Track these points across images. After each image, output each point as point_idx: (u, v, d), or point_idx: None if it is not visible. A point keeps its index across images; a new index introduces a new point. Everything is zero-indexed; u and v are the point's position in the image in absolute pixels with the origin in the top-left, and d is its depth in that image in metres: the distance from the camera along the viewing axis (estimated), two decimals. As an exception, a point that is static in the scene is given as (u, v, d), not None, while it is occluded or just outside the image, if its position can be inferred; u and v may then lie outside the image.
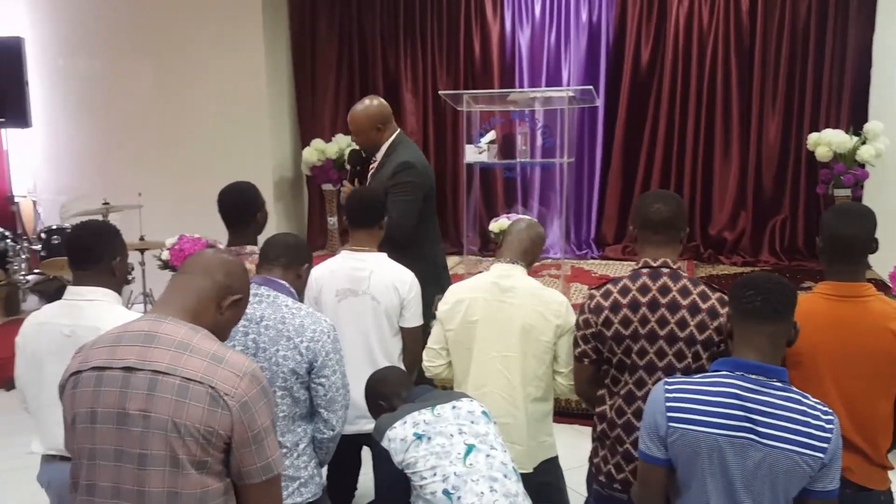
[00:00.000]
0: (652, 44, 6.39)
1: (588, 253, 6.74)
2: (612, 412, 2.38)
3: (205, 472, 1.58)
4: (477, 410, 2.31)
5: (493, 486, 2.12)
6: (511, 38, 6.65)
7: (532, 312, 2.59)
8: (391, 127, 3.65)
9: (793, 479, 1.78)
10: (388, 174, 3.49)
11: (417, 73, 6.91)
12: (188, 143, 6.68)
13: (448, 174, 6.92)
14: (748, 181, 6.33)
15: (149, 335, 1.62)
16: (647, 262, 2.36)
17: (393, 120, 3.69)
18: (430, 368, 2.79)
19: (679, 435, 1.83)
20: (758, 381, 1.81)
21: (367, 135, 3.61)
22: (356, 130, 3.63)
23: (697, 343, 2.25)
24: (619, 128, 6.51)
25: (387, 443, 2.19)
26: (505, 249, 2.74)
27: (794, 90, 6.13)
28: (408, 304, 2.84)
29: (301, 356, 2.21)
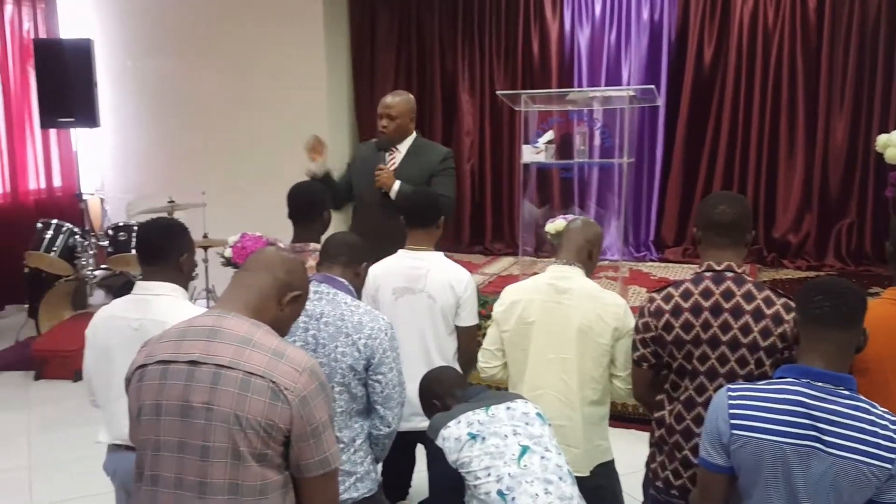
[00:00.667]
0: (715, 43, 6.26)
1: (647, 255, 6.64)
2: (671, 418, 2.34)
3: (265, 465, 1.61)
4: (531, 412, 2.30)
5: (548, 488, 2.11)
6: (570, 37, 6.59)
7: (590, 314, 2.56)
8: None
9: (858, 490, 1.72)
10: (437, 160, 3.81)
11: (475, 73, 6.91)
12: (250, 145, 6.80)
13: (504, 174, 6.90)
14: (814, 183, 6.15)
15: (213, 330, 1.65)
16: (710, 266, 2.31)
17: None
18: (485, 369, 2.79)
19: (742, 442, 1.79)
20: (824, 389, 1.76)
21: (404, 122, 3.82)
22: (398, 114, 3.78)
23: (760, 349, 2.19)
24: (680, 128, 6.39)
25: (441, 441, 2.20)
26: (562, 250, 2.72)
27: (862, 90, 5.93)
28: (464, 303, 2.85)
29: (359, 353, 2.24)
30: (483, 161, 6.98)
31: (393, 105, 3.79)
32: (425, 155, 3.84)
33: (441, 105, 7.02)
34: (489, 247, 7.00)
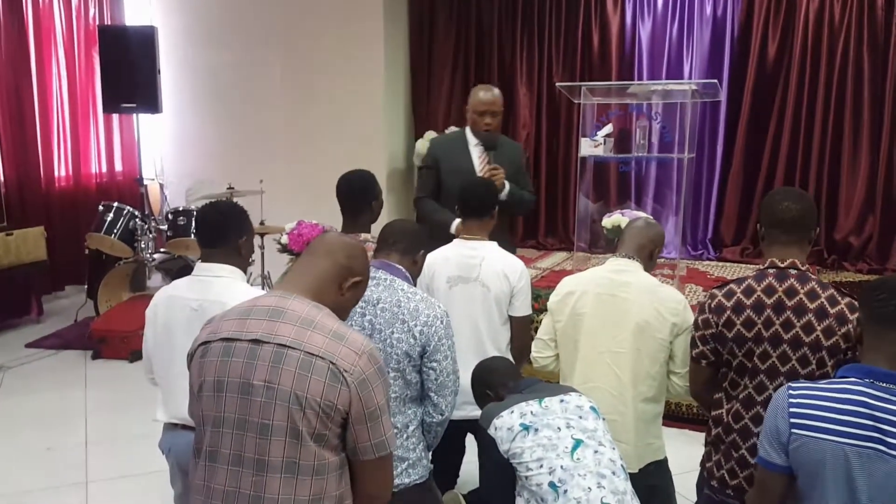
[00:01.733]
0: (779, 39, 6.10)
1: (704, 254, 6.52)
2: (728, 416, 2.30)
3: (322, 445, 1.63)
4: (585, 405, 2.28)
5: (601, 482, 2.09)
6: (631, 30, 6.51)
7: (648, 309, 2.53)
8: None
9: None
10: (519, 155, 3.89)
11: (533, 65, 6.87)
12: (308, 134, 6.88)
13: (559, 168, 6.85)
14: (878, 185, 5.96)
15: (276, 310, 1.68)
16: (773, 263, 2.26)
17: None
18: (538, 359, 2.78)
19: (802, 442, 1.74)
20: (889, 390, 1.70)
21: (501, 117, 3.81)
22: (499, 109, 3.77)
23: (823, 349, 2.14)
24: (741, 125, 6.26)
25: (493, 431, 2.19)
26: (622, 245, 2.69)
27: (932, 89, 5.73)
28: (518, 293, 2.84)
29: (415, 340, 2.25)
30: (539, 155, 6.93)
31: (495, 101, 3.74)
32: (509, 150, 3.83)
33: (498, 98, 6.99)
34: (542, 241, 6.96)
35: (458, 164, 3.75)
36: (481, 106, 3.72)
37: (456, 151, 3.79)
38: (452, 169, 3.75)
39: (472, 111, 3.76)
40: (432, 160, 3.86)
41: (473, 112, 3.74)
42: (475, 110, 3.73)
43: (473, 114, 3.74)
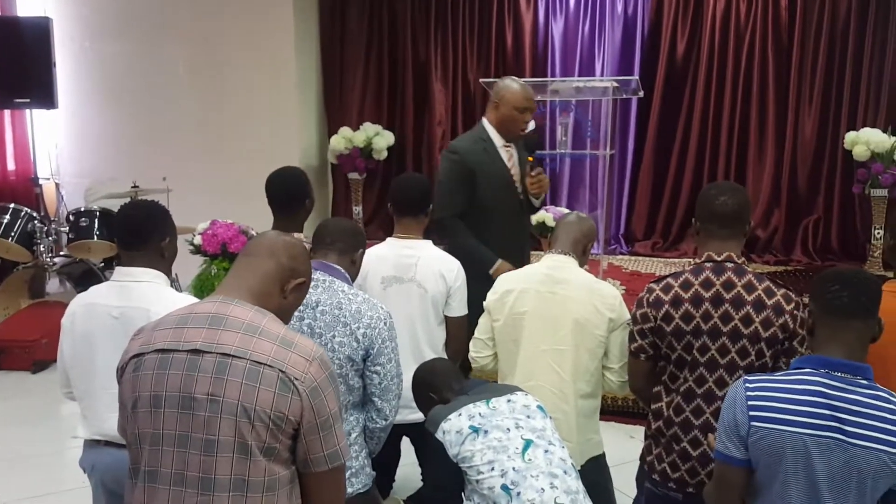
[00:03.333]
0: (688, 38, 6.29)
1: (617, 248, 6.66)
2: (668, 410, 2.32)
3: (272, 459, 1.53)
4: (532, 405, 2.26)
5: (554, 482, 2.07)
6: (544, 28, 6.57)
7: (586, 305, 2.52)
8: None
9: (880, 480, 1.71)
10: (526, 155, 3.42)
11: (447, 62, 6.84)
12: (216, 130, 6.64)
13: (478, 165, 6.85)
14: (782, 179, 6.23)
15: (216, 317, 1.56)
16: (710, 257, 2.29)
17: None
18: (476, 359, 2.74)
19: (762, 435, 1.76)
20: (844, 379, 1.74)
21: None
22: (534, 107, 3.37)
23: (762, 340, 2.18)
24: (651, 123, 6.42)
25: (441, 434, 2.14)
26: (557, 242, 2.68)
27: (831, 88, 6.02)
28: (454, 293, 2.79)
29: (357, 343, 2.17)
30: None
31: (532, 98, 3.31)
32: (520, 150, 3.41)
33: (412, 94, 6.94)
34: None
35: (493, 172, 3.29)
36: (525, 101, 3.26)
37: (489, 158, 3.29)
38: (489, 179, 3.26)
39: (510, 107, 3.25)
40: (465, 171, 3.23)
41: (514, 108, 3.25)
42: (516, 106, 3.25)
43: (513, 110, 3.25)
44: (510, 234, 3.31)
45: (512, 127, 3.28)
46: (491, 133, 3.31)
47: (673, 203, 6.46)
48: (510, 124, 3.28)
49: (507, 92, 3.27)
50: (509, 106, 3.25)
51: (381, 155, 6.59)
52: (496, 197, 3.27)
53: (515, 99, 3.25)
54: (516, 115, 3.26)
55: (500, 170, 3.30)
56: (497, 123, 3.30)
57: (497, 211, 3.27)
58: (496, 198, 3.27)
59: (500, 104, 3.28)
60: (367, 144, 6.53)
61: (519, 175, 3.36)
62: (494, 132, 3.31)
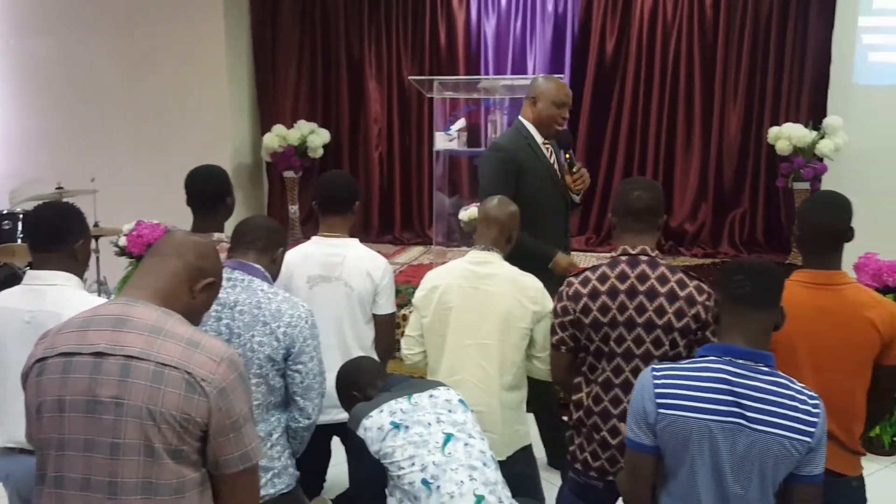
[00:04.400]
0: (616, 36, 6.40)
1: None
2: (588, 400, 2.37)
3: (181, 462, 1.52)
4: (454, 399, 2.28)
5: (473, 474, 2.09)
6: (477, 26, 6.61)
7: (511, 300, 2.56)
8: None
9: (781, 464, 1.78)
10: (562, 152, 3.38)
11: (382, 59, 6.82)
12: (146, 129, 6.50)
13: (413, 163, 6.85)
14: (709, 174, 6.38)
15: (120, 319, 1.54)
16: (625, 250, 2.36)
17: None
18: (408, 356, 2.76)
19: (668, 421, 1.81)
20: (746, 367, 1.80)
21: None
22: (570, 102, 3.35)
23: (675, 330, 2.25)
24: (582, 119, 6.51)
25: (363, 432, 2.14)
26: (480, 234, 2.71)
27: (755, 85, 6.19)
28: (381, 291, 2.79)
29: (278, 342, 2.15)
30: (392, 149, 6.90)
31: (571, 95, 3.33)
32: (554, 147, 3.39)
33: (347, 92, 6.90)
34: (399, 236, 6.94)
35: (539, 168, 3.26)
36: (563, 96, 3.26)
37: (534, 154, 3.27)
38: (536, 175, 3.24)
39: (548, 102, 3.24)
40: (512, 167, 3.20)
41: (552, 103, 3.24)
42: (554, 101, 3.24)
43: (551, 105, 3.24)
44: (556, 231, 3.28)
45: (550, 122, 3.27)
46: (531, 130, 3.30)
47: (605, 199, 6.57)
48: (548, 120, 3.26)
49: (545, 87, 3.28)
50: (547, 101, 3.24)
51: (317, 153, 6.54)
52: (543, 194, 3.25)
53: (553, 94, 3.25)
54: (554, 111, 3.25)
55: (546, 166, 3.30)
56: (535, 120, 3.29)
57: (543, 208, 3.23)
58: (543, 194, 3.25)
59: (537, 100, 3.27)
60: (302, 142, 6.47)
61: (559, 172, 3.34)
62: (534, 129, 3.29)
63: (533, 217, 3.05)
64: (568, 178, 3.32)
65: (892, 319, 2.14)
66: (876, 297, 2.20)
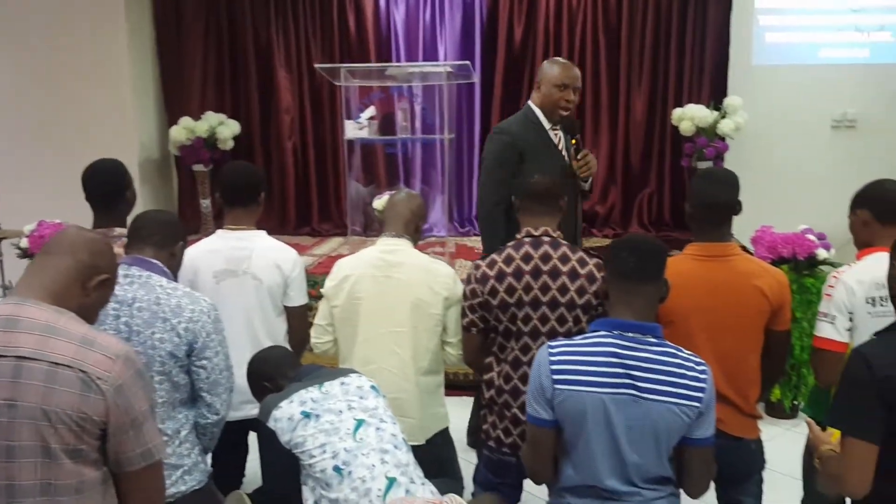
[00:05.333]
0: (524, 23, 6.47)
1: (471, 230, 6.79)
2: (499, 379, 2.43)
3: (80, 461, 1.49)
4: (366, 385, 2.30)
5: (384, 457, 2.12)
6: (386, 14, 6.57)
7: (422, 287, 2.59)
8: None
9: (673, 430, 1.86)
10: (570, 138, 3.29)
11: (290, 47, 6.71)
12: (45, 124, 6.22)
13: (328, 152, 6.78)
14: (617, 157, 6.54)
15: (10, 319, 1.49)
16: (529, 232, 2.42)
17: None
18: (317, 345, 2.75)
19: (564, 396, 1.87)
20: (634, 339, 1.88)
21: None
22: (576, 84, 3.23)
23: (577, 307, 2.32)
24: (495, 105, 6.57)
25: (273, 423, 2.13)
26: (389, 223, 2.72)
27: (658, 68, 6.36)
28: (292, 283, 2.76)
29: (179, 338, 2.11)
30: (305, 139, 6.81)
31: (578, 75, 3.22)
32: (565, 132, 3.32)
33: (257, 81, 6.78)
34: (317, 227, 6.87)
35: (545, 154, 3.19)
36: (565, 78, 3.17)
37: (539, 140, 3.20)
38: (542, 162, 3.11)
39: (550, 85, 3.18)
40: (515, 155, 3.13)
41: (553, 86, 3.17)
42: (556, 83, 3.17)
43: (553, 88, 3.17)
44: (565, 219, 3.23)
45: (553, 106, 3.20)
46: (539, 115, 3.24)
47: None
48: (551, 104, 3.20)
49: (546, 70, 3.23)
50: (549, 84, 3.19)
51: (227, 145, 6.40)
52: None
53: (554, 76, 3.19)
54: (556, 93, 3.18)
55: (553, 152, 3.23)
56: (541, 104, 3.24)
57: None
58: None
59: (541, 83, 3.22)
60: (211, 134, 6.31)
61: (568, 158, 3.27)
62: (541, 114, 3.24)
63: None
64: (574, 164, 3.23)
65: (779, 287, 2.27)
66: (764, 266, 2.32)
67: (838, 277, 2.37)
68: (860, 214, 2.45)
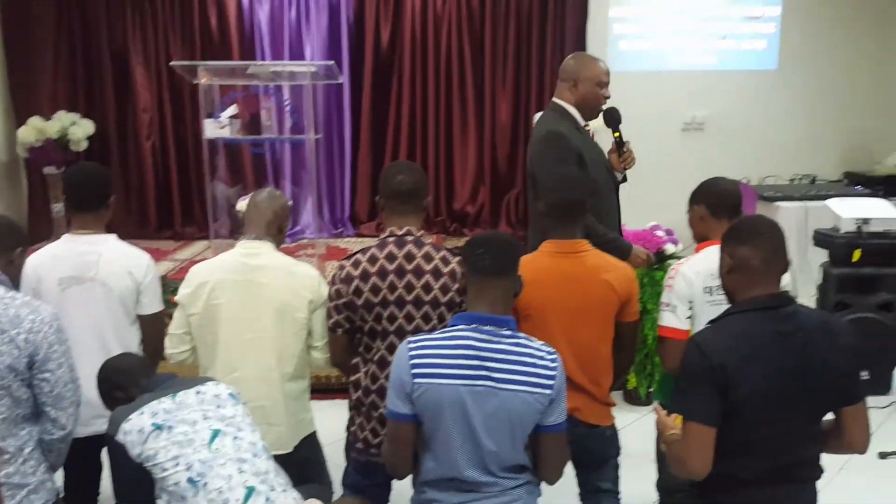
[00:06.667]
0: (391, 25, 6.49)
1: (343, 231, 6.75)
2: (366, 379, 2.43)
3: None
4: (223, 393, 2.22)
5: (242, 466, 2.06)
6: (249, 13, 6.40)
7: (286, 290, 2.54)
8: None
9: (527, 418, 1.94)
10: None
11: (148, 44, 6.41)
12: None
13: (191, 153, 6.52)
14: (485, 158, 6.67)
15: None
16: (392, 231, 2.43)
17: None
18: (173, 356, 2.65)
19: (423, 389, 1.91)
20: (490, 332, 1.94)
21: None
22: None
23: (442, 305, 2.36)
24: (365, 106, 6.55)
25: (122, 436, 2.03)
26: (250, 225, 2.66)
27: (521, 72, 6.54)
28: (145, 289, 2.65)
29: (19, 350, 1.98)
30: (165, 139, 6.54)
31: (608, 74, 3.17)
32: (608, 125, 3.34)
33: (112, 80, 6.45)
34: (180, 231, 6.62)
35: (592, 152, 3.17)
36: (603, 75, 3.15)
37: (582, 138, 3.18)
38: (591, 159, 3.12)
39: (591, 83, 3.13)
40: (573, 153, 3.03)
41: (595, 84, 3.14)
42: (598, 81, 3.14)
43: (595, 86, 3.14)
44: (609, 215, 3.14)
45: (595, 104, 3.17)
46: (574, 114, 3.17)
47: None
48: (594, 101, 3.16)
49: (586, 68, 3.15)
50: (590, 83, 3.13)
51: (81, 146, 6.04)
52: (598, 176, 3.15)
53: (596, 74, 3.13)
54: (598, 91, 3.14)
55: (597, 150, 3.23)
56: (577, 103, 3.16)
57: (601, 190, 3.13)
58: (599, 177, 3.15)
59: (578, 82, 3.14)
60: (63, 135, 5.94)
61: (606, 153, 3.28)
62: (576, 112, 3.17)
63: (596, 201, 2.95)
64: (613, 158, 3.25)
65: (627, 281, 2.41)
66: (612, 261, 2.45)
67: (678, 269, 2.55)
68: (697, 210, 2.63)
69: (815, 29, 6.45)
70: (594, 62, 3.20)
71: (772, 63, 6.52)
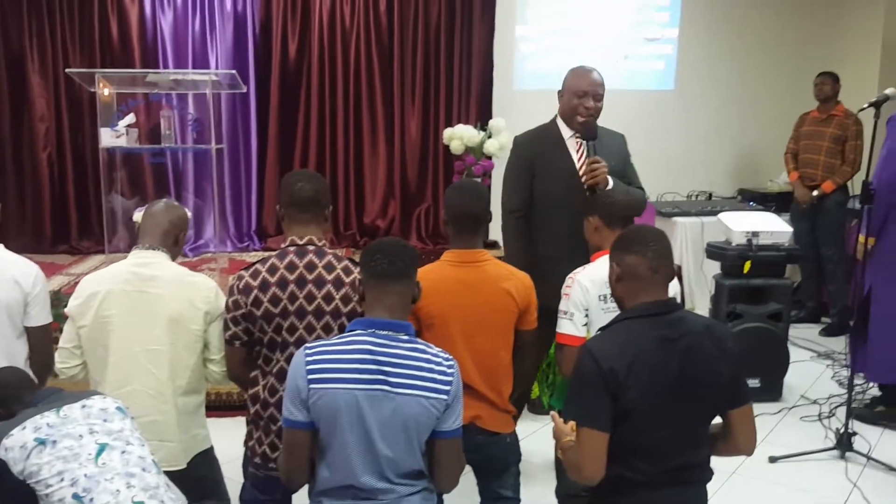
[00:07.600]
0: (298, 38, 6.45)
1: (250, 245, 6.63)
2: (265, 392, 2.38)
3: None
4: (111, 407, 2.15)
5: (131, 481, 1.99)
6: (152, 21, 6.25)
7: (180, 301, 2.47)
8: None
9: (423, 423, 1.94)
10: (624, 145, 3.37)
11: (46, 53, 6.17)
12: None
13: (88, 165, 6.28)
14: (395, 172, 6.70)
15: None
16: (293, 241, 2.40)
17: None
18: (63, 370, 2.54)
19: (319, 395, 1.90)
20: (387, 336, 1.95)
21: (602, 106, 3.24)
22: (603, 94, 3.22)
23: (343, 315, 2.34)
24: (272, 118, 6.48)
25: (4, 453, 1.94)
26: (144, 235, 2.58)
27: (430, 88, 6.61)
28: (33, 300, 2.55)
29: None
30: (62, 150, 6.30)
31: (600, 82, 3.19)
32: (609, 139, 3.28)
33: (7, 88, 6.17)
34: (76, 245, 6.36)
35: (553, 161, 3.21)
36: (584, 85, 3.18)
37: (549, 147, 3.23)
38: (548, 169, 3.20)
39: (570, 93, 3.21)
40: (523, 161, 3.24)
41: (573, 94, 3.19)
42: (574, 92, 3.19)
43: (573, 96, 3.19)
44: (576, 231, 2.96)
45: (572, 113, 3.21)
46: (559, 123, 3.28)
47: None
48: (570, 111, 3.22)
49: (570, 80, 3.26)
50: (570, 92, 3.22)
51: (-29, 157, 5.76)
52: (560, 190, 3.16)
53: (574, 84, 3.21)
54: (574, 102, 3.19)
55: (563, 160, 3.22)
56: (562, 112, 3.27)
57: (562, 206, 3.14)
58: (561, 191, 3.16)
59: (563, 93, 3.25)
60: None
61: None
62: (562, 122, 3.27)
63: (550, 215, 3.14)
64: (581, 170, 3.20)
65: (525, 290, 2.46)
66: (511, 270, 2.50)
67: (574, 278, 2.62)
68: (592, 221, 2.72)
69: (710, 51, 6.77)
70: (578, 74, 3.29)
71: (669, 83, 6.80)
